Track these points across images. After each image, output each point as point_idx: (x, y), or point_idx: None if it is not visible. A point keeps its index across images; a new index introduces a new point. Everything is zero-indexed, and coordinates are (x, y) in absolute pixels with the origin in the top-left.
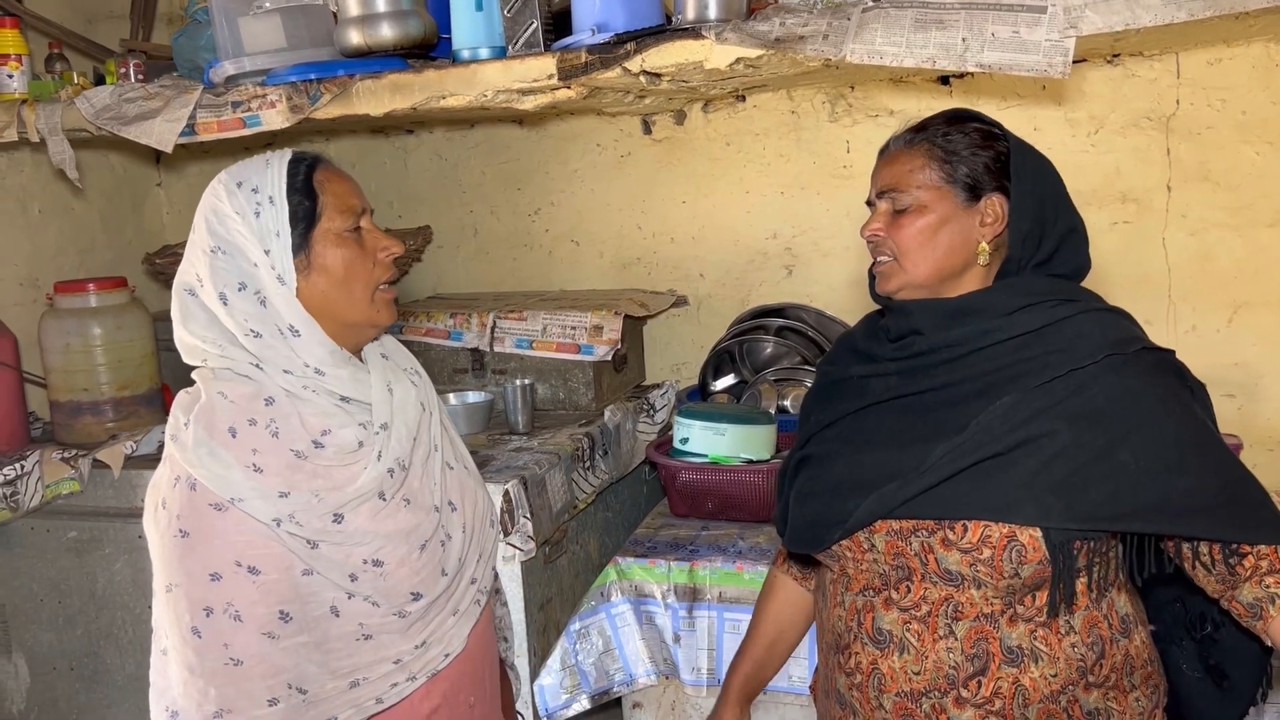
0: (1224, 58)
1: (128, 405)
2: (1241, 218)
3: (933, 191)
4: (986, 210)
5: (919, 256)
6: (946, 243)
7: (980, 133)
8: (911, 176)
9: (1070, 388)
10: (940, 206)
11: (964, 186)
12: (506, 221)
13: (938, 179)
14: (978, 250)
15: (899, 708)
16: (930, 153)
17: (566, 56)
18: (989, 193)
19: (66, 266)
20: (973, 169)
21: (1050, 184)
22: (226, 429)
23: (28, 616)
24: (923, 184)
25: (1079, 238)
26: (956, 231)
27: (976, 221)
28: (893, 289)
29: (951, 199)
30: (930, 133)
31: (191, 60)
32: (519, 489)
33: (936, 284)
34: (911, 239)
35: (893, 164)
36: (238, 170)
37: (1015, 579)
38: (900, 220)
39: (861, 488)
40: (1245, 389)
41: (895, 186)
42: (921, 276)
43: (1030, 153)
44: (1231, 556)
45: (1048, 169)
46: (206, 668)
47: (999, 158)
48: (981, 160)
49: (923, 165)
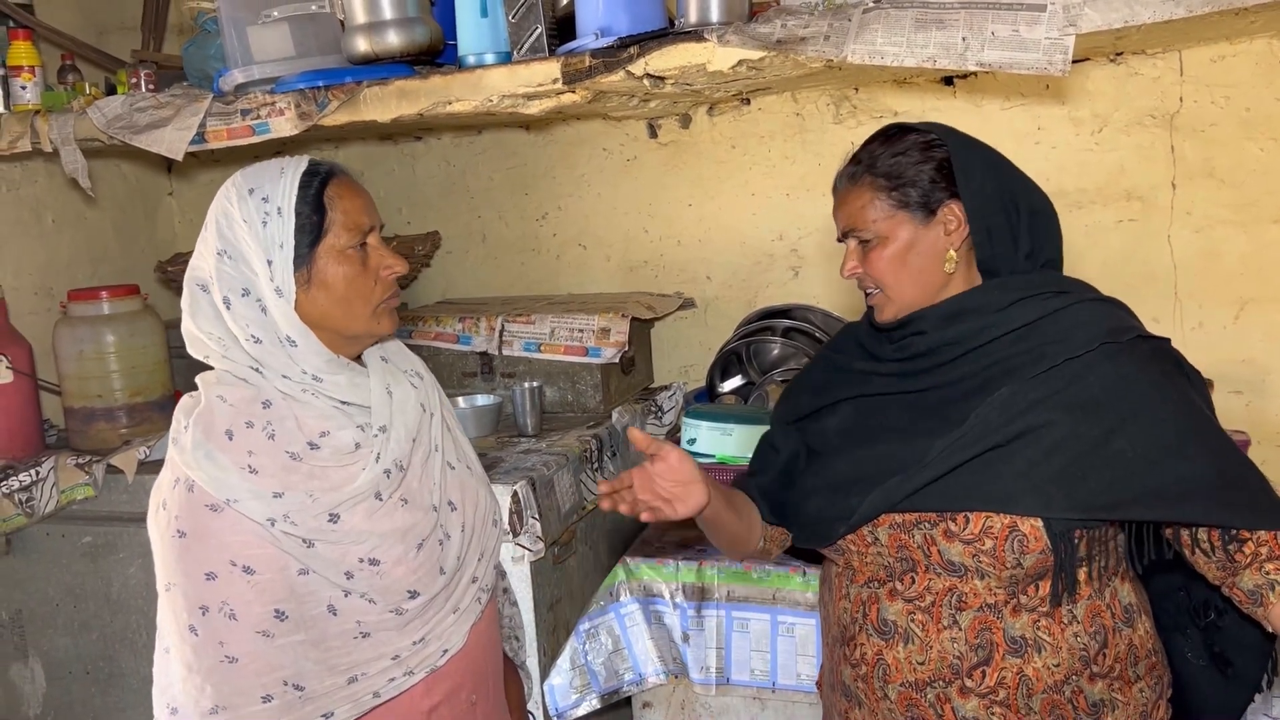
0: (1227, 55)
1: (141, 411)
2: (1247, 214)
3: (888, 221)
4: (945, 219)
5: (898, 284)
6: (918, 264)
7: (919, 146)
8: (864, 213)
9: (1067, 377)
10: (900, 233)
11: (916, 206)
12: (514, 226)
13: (889, 208)
14: (946, 259)
15: (904, 698)
16: (874, 184)
17: (571, 61)
18: (943, 202)
19: (80, 275)
20: (919, 186)
21: (1001, 174)
22: (224, 431)
23: (44, 621)
24: (876, 217)
25: (1046, 217)
26: (924, 250)
27: (940, 233)
28: (888, 317)
29: (909, 222)
30: (869, 163)
31: (201, 69)
32: (527, 490)
33: (926, 299)
34: (886, 270)
35: (845, 204)
36: (253, 174)
37: (1018, 569)
38: (869, 256)
39: (864, 483)
40: (1253, 385)
41: (854, 227)
42: (909, 299)
43: (973, 150)
44: (1231, 543)
45: (994, 160)
46: (203, 665)
47: (941, 166)
48: (926, 174)
49: (870, 199)
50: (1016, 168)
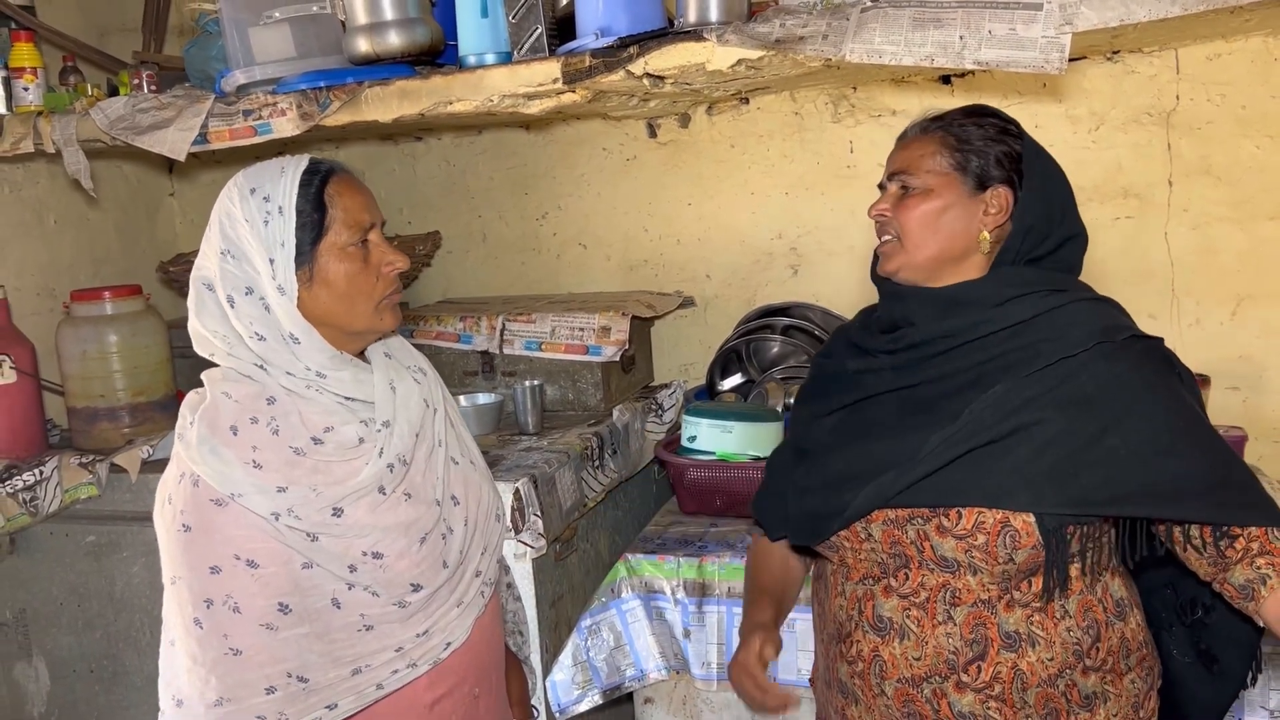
0: (1223, 53)
1: (144, 411)
2: (1243, 211)
3: (941, 177)
4: (991, 201)
5: (921, 239)
6: (949, 228)
7: (996, 127)
8: (922, 161)
9: (1060, 375)
10: (946, 192)
11: (972, 176)
12: (514, 226)
13: (947, 166)
14: (979, 239)
15: (900, 694)
16: (944, 140)
17: (571, 60)
18: (996, 184)
19: (82, 276)
20: (983, 160)
21: (1060, 189)
22: (228, 427)
23: (48, 620)
24: (932, 169)
25: (1078, 244)
26: (959, 218)
27: (980, 210)
28: (893, 269)
29: (958, 187)
30: (946, 122)
31: (203, 70)
32: (529, 487)
33: (935, 267)
34: (915, 220)
35: (907, 149)
36: (254, 174)
37: (1010, 564)
38: (906, 201)
39: (858, 479)
40: (1249, 381)
41: (906, 169)
42: (921, 258)
43: (1045, 156)
44: (1222, 539)
45: (1059, 175)
46: (208, 657)
47: (1011, 154)
48: (993, 153)
49: (934, 152)
50: (1073, 195)
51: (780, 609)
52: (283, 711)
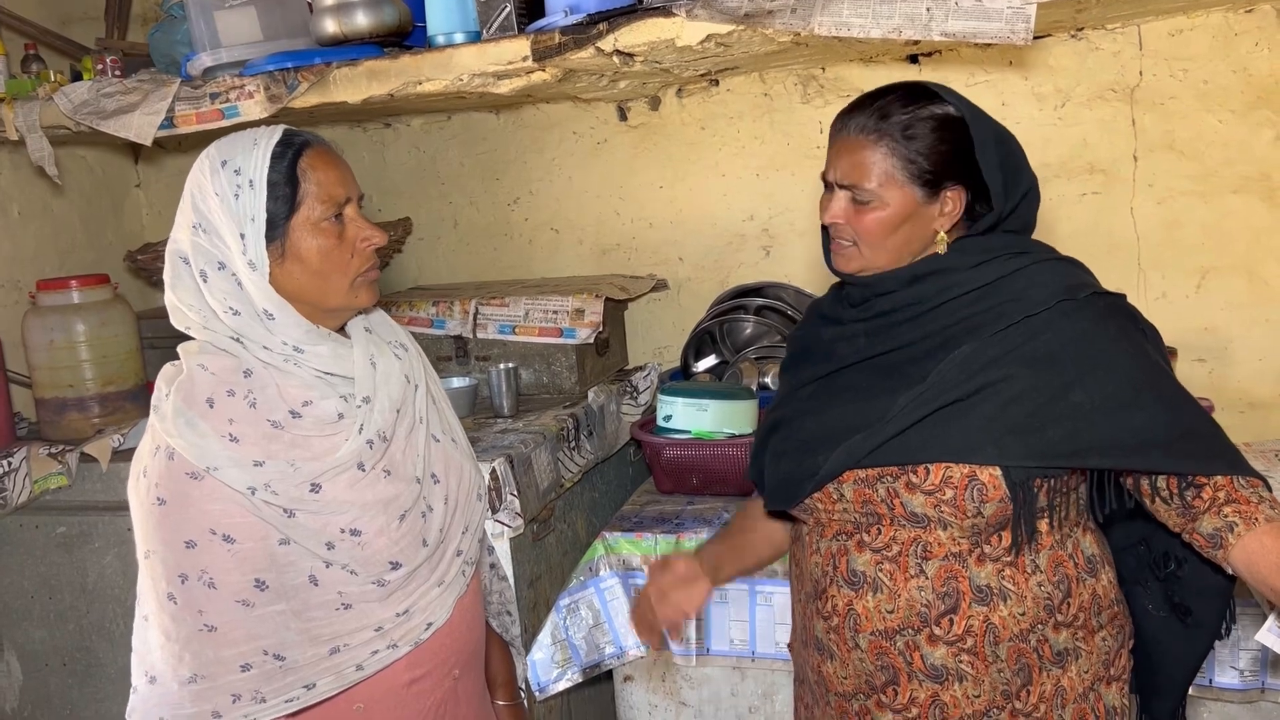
0: (1184, 28)
1: (113, 401)
2: (1207, 185)
3: (895, 190)
4: (945, 202)
5: (879, 247)
6: (906, 235)
7: (942, 121)
8: (870, 172)
9: (1025, 334)
10: (901, 204)
11: (924, 184)
12: (485, 212)
13: (900, 178)
14: (937, 239)
15: (874, 646)
16: (891, 150)
17: (540, 38)
18: (949, 185)
19: (47, 268)
20: (934, 164)
21: (1010, 148)
22: (205, 400)
23: (19, 614)
24: (884, 182)
25: (1034, 195)
26: (916, 225)
27: (936, 212)
28: (854, 269)
29: (912, 197)
30: (891, 124)
31: (168, 55)
32: (505, 467)
33: (896, 263)
34: (873, 232)
35: (851, 155)
36: (227, 145)
37: (979, 518)
38: (862, 213)
39: (829, 442)
40: (1215, 353)
41: (856, 183)
42: (882, 263)
43: (987, 124)
44: (1188, 489)
45: (1004, 134)
46: (182, 633)
47: (957, 147)
48: (942, 153)
49: (881, 161)
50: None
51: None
52: (258, 690)
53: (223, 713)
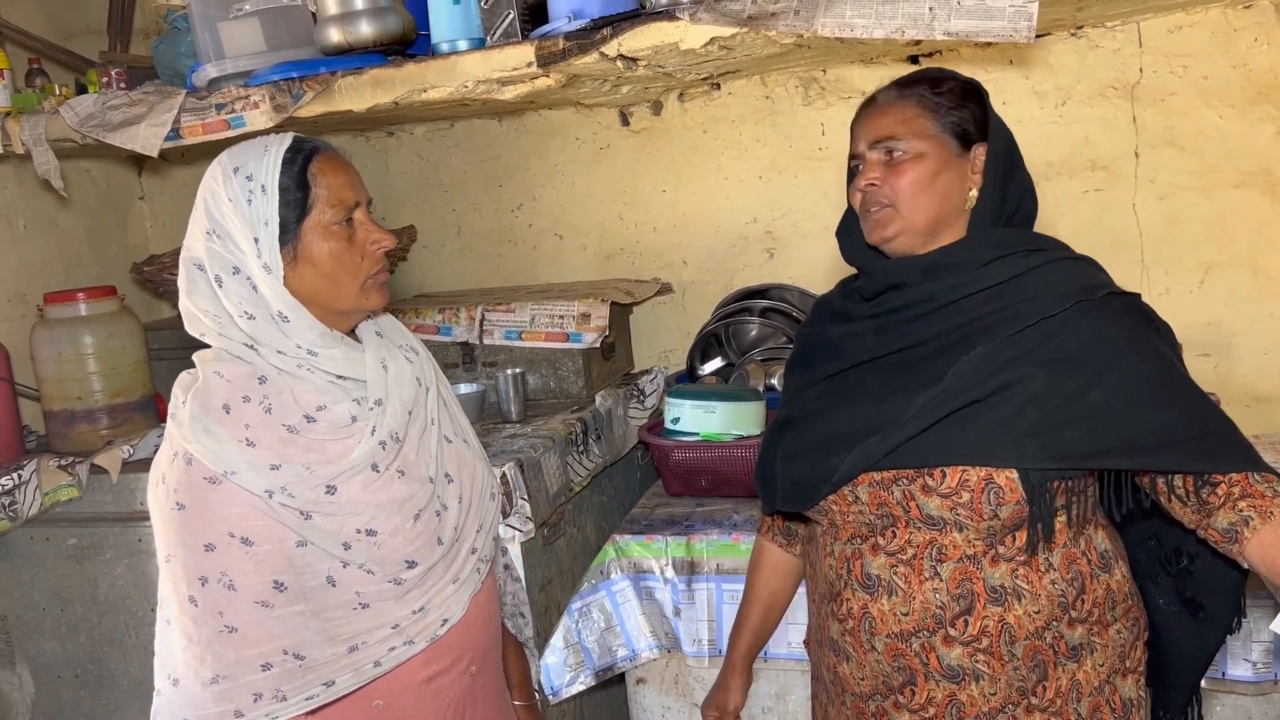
0: (1184, 25)
1: (122, 412)
2: (1208, 180)
3: (930, 140)
4: (975, 159)
5: (918, 203)
6: (943, 189)
7: (964, 88)
8: (907, 125)
9: (1042, 335)
10: (937, 154)
11: (955, 135)
12: (489, 218)
13: (934, 128)
14: (968, 198)
15: (890, 648)
16: (923, 103)
17: (544, 44)
18: (977, 143)
19: (53, 281)
20: (963, 119)
21: (1014, 145)
22: (221, 406)
23: (30, 626)
24: (919, 132)
25: (1033, 197)
26: (952, 178)
27: (968, 169)
28: (891, 234)
29: (946, 147)
30: (919, 86)
31: (173, 67)
32: (515, 471)
33: (932, 230)
34: (910, 185)
35: (885, 115)
36: (238, 153)
37: (995, 520)
38: (899, 168)
39: (844, 443)
40: (1219, 348)
41: (892, 135)
42: (920, 222)
43: (996, 114)
44: (1204, 487)
45: (1009, 131)
46: (203, 635)
47: (977, 115)
48: (970, 112)
49: (917, 115)
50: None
51: (766, 619)
52: (279, 688)
53: (245, 711)
